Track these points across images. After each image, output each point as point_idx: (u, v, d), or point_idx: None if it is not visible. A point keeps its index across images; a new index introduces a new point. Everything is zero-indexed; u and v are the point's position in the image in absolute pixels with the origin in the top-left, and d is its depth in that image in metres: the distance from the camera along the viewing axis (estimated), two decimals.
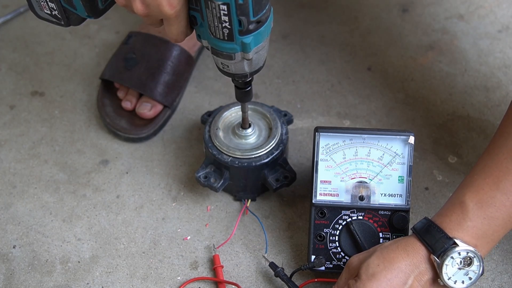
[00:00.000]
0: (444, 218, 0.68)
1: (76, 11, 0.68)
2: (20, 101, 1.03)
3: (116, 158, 0.95)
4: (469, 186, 0.68)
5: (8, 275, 0.82)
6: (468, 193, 0.67)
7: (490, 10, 1.15)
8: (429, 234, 0.67)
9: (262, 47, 0.68)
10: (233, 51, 0.66)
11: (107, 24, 1.14)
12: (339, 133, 0.78)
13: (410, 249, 0.67)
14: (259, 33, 0.65)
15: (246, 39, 0.65)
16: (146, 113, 0.96)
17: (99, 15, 0.69)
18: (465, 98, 1.01)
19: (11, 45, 1.11)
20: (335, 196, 0.79)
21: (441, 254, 0.66)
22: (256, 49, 0.67)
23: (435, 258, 0.66)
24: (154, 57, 0.97)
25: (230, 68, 0.70)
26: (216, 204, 0.89)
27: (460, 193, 0.68)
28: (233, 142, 0.86)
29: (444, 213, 0.68)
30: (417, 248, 0.67)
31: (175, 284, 0.81)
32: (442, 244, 0.66)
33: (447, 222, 0.67)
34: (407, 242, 0.68)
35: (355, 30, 1.12)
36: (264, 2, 0.63)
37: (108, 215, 0.88)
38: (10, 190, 0.91)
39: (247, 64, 0.69)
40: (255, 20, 0.63)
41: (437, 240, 0.66)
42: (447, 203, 0.70)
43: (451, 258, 0.65)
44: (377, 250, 0.69)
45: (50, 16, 0.70)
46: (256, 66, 0.71)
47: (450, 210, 0.68)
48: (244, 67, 0.70)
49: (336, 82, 1.04)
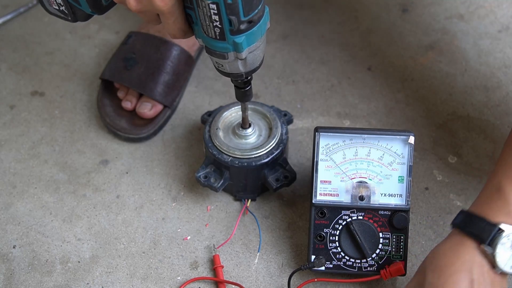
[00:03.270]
0: (483, 206, 0.67)
1: (81, 7, 0.70)
2: (20, 101, 1.03)
3: (116, 158, 0.95)
4: (503, 172, 0.67)
5: (8, 275, 0.82)
6: (503, 180, 0.67)
7: (490, 10, 1.15)
8: (472, 225, 0.66)
9: (256, 47, 0.68)
10: (226, 51, 0.66)
11: (107, 24, 1.14)
12: (339, 133, 0.78)
13: (458, 247, 0.66)
14: (252, 33, 0.65)
15: (238, 38, 0.65)
16: (147, 112, 0.96)
17: (103, 11, 0.70)
18: (465, 98, 1.01)
19: (11, 45, 1.11)
20: (335, 196, 0.79)
21: (491, 242, 0.64)
22: (250, 49, 0.67)
23: (486, 247, 0.64)
24: (154, 57, 0.97)
25: (224, 68, 0.70)
26: (216, 204, 0.89)
27: (494, 181, 0.68)
28: (233, 142, 0.86)
29: (483, 202, 0.67)
30: (465, 243, 0.66)
31: (175, 284, 0.81)
32: (489, 231, 0.64)
33: (487, 210, 0.66)
34: (452, 241, 0.67)
35: (355, 30, 1.12)
36: (256, 2, 0.63)
37: (108, 215, 0.88)
38: (10, 190, 0.91)
39: (241, 64, 0.69)
40: (246, 20, 0.63)
41: (482, 228, 0.65)
42: (482, 193, 0.69)
43: (502, 244, 0.64)
44: (427, 266, 0.67)
45: (58, 12, 0.72)
46: (251, 66, 0.70)
47: (488, 198, 0.67)
48: (239, 66, 0.69)
49: (336, 82, 1.04)
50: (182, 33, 0.68)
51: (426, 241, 0.84)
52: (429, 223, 0.86)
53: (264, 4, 0.65)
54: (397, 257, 0.78)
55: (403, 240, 0.78)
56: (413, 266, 0.82)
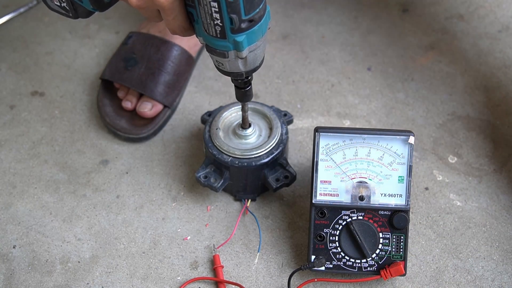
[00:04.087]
0: None
1: (82, 3, 0.70)
2: (20, 101, 1.03)
3: (116, 158, 0.95)
4: None
5: (8, 275, 0.82)
6: None
7: (490, 10, 1.15)
8: None
9: (256, 47, 0.68)
10: (226, 49, 0.66)
11: (107, 24, 1.14)
12: (339, 133, 0.78)
13: None
14: (253, 32, 0.65)
15: (239, 37, 0.65)
16: (147, 112, 0.96)
17: (104, 8, 0.70)
18: (465, 98, 1.01)
19: (11, 45, 1.11)
20: (335, 196, 0.79)
21: None
22: (250, 48, 0.67)
23: None
24: (154, 57, 0.97)
25: (225, 66, 0.70)
26: (216, 204, 0.89)
27: None
28: (233, 142, 0.86)
29: None
30: None
31: (175, 284, 0.81)
32: None
33: None
34: None
35: (355, 30, 1.12)
36: (257, 1, 0.63)
37: (108, 215, 0.88)
38: (10, 190, 0.91)
39: (241, 63, 0.69)
40: (247, 18, 0.63)
41: None
42: None
43: None
44: None
45: (59, 8, 0.72)
46: (251, 65, 0.70)
47: None
48: (239, 65, 0.69)
49: (336, 82, 1.04)
50: (182, 30, 0.68)
51: (426, 241, 0.84)
52: (429, 223, 0.86)
53: (265, 3, 0.65)
54: (397, 257, 0.78)
55: (403, 240, 0.78)
56: (413, 266, 0.82)
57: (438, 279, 0.81)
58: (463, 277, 0.81)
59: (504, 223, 0.86)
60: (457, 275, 0.81)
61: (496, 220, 0.86)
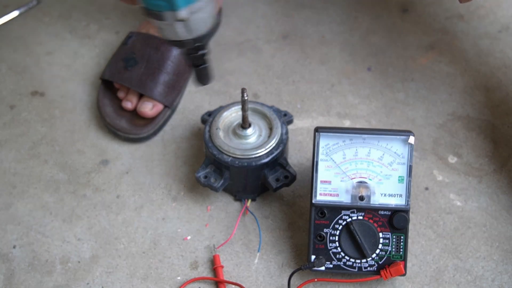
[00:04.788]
0: None
1: None
2: (20, 101, 1.03)
3: (116, 158, 0.95)
4: None
5: (8, 275, 0.82)
6: None
7: (490, 10, 1.15)
8: None
9: (199, 8, 0.61)
10: (160, 9, 0.61)
11: (107, 24, 1.14)
12: (339, 133, 0.78)
13: None
14: None
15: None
16: (148, 112, 0.96)
17: None
18: (465, 98, 1.01)
19: (11, 45, 1.11)
20: (335, 196, 0.79)
21: None
22: (191, 8, 0.61)
23: None
24: (154, 57, 0.97)
25: (165, 33, 0.64)
26: (216, 204, 0.89)
27: None
28: (233, 142, 0.86)
29: None
30: None
31: (175, 284, 0.81)
32: None
33: None
34: None
35: (355, 30, 1.12)
36: None
37: (108, 215, 0.88)
38: (10, 190, 0.91)
39: (183, 28, 0.63)
40: None
41: None
42: None
43: None
44: None
45: None
46: (196, 31, 0.63)
47: None
48: (181, 31, 0.63)
49: (336, 82, 1.04)
50: None
51: (426, 241, 0.84)
52: (429, 223, 0.86)
53: None
54: (397, 257, 0.78)
55: (403, 240, 0.78)
56: (413, 266, 0.82)
57: (438, 279, 0.81)
58: (463, 277, 0.81)
59: (504, 223, 0.86)
60: (457, 275, 0.81)
61: (496, 220, 0.86)
